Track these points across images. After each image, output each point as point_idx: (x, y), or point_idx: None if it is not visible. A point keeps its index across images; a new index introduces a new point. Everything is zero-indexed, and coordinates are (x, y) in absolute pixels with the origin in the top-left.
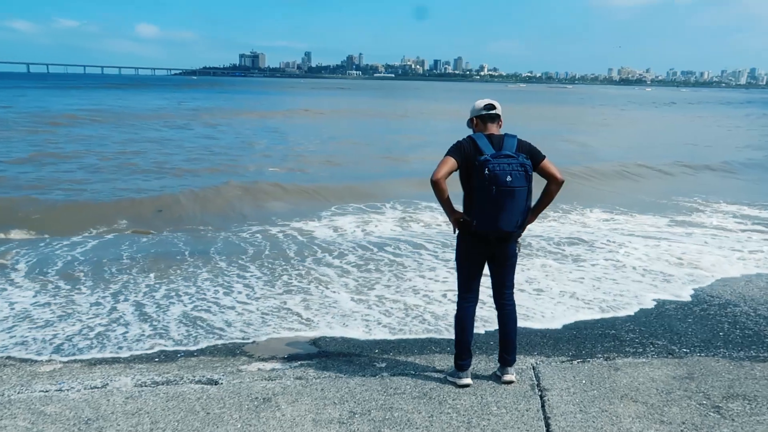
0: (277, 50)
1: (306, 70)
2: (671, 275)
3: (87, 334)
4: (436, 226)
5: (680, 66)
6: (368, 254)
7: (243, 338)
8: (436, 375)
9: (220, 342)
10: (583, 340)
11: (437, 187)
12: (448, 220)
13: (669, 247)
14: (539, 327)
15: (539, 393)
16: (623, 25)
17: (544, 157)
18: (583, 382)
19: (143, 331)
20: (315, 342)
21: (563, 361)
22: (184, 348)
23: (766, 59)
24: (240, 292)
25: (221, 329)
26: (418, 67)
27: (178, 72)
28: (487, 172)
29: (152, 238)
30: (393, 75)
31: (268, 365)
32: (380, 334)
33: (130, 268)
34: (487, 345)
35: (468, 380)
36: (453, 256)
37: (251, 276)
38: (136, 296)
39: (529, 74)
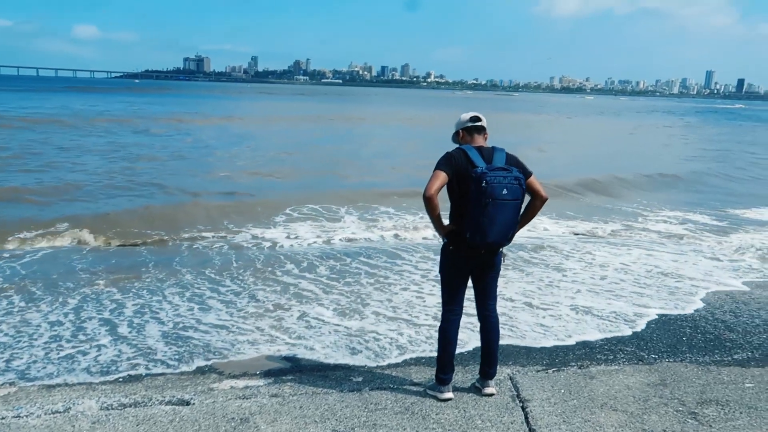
0: (223, 54)
1: (253, 74)
2: (632, 281)
3: (43, 354)
4: (398, 233)
5: (617, 75)
6: (332, 263)
7: (211, 354)
8: (415, 389)
9: (186, 359)
10: (555, 349)
11: (431, 203)
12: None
13: (628, 255)
14: (510, 336)
15: (521, 404)
16: (564, 35)
17: (531, 173)
18: (562, 391)
19: (104, 350)
20: (286, 357)
21: (539, 371)
22: (148, 366)
23: (697, 70)
24: (203, 306)
25: (187, 345)
26: (365, 73)
27: (118, 75)
28: (484, 184)
29: (106, 251)
30: (341, 81)
31: (241, 383)
32: (354, 347)
33: (87, 282)
34: (461, 356)
35: (450, 394)
36: (421, 263)
37: (213, 288)
38: (94, 312)
39: (474, 81)
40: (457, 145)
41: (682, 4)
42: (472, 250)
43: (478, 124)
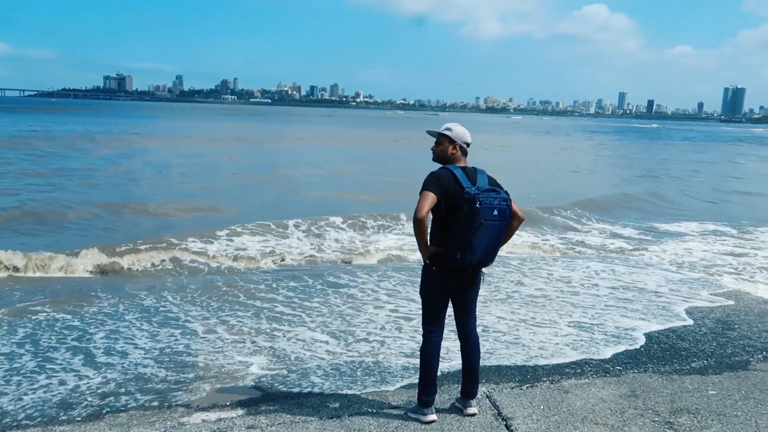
0: (146, 73)
1: (178, 93)
2: (584, 293)
3: None
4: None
5: (538, 96)
6: (292, 283)
7: (175, 386)
8: (395, 412)
9: (150, 392)
10: (525, 365)
11: (422, 225)
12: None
13: (580, 270)
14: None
15: (504, 423)
16: (488, 57)
17: (507, 195)
18: (542, 407)
19: (55, 388)
20: (256, 386)
21: (513, 387)
22: (109, 402)
23: (611, 92)
24: (160, 333)
25: (149, 377)
26: (294, 92)
27: (32, 93)
28: (478, 205)
29: (44, 279)
30: (269, 100)
31: (213, 415)
32: (326, 371)
33: (27, 313)
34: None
35: (434, 416)
36: (383, 282)
37: (169, 313)
38: (39, 346)
39: (403, 101)
40: (440, 165)
41: (596, 30)
42: (458, 271)
43: (469, 145)
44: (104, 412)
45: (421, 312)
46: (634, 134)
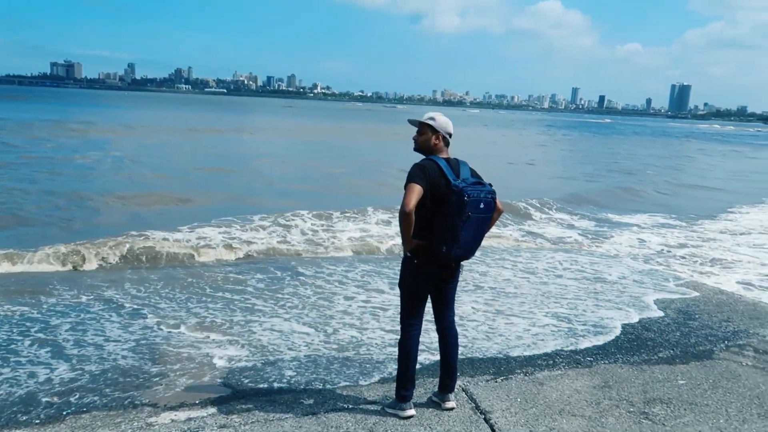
0: (96, 60)
1: (129, 82)
2: (551, 283)
3: None
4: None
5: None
6: (259, 275)
7: (141, 383)
8: (371, 407)
9: (114, 390)
10: (497, 357)
11: (409, 218)
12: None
13: (543, 261)
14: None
15: (483, 417)
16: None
17: (492, 188)
18: (519, 400)
19: (11, 385)
20: (227, 381)
21: (488, 380)
22: (70, 402)
23: (564, 87)
24: (123, 325)
25: (113, 373)
26: (251, 83)
27: None
28: (466, 198)
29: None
30: (225, 90)
31: (182, 414)
32: (296, 366)
33: None
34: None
35: (412, 411)
36: (350, 272)
37: (132, 303)
38: None
39: (360, 93)
40: (422, 155)
41: (551, 26)
42: (441, 264)
43: (451, 135)
44: (65, 413)
45: (399, 305)
46: (589, 129)
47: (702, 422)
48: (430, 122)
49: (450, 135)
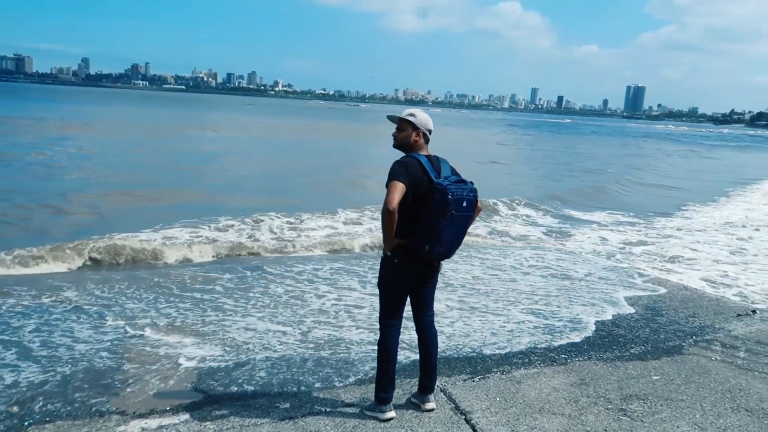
0: (48, 54)
1: (83, 77)
2: (521, 280)
3: None
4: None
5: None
6: (228, 275)
7: (108, 389)
8: (349, 410)
9: (78, 399)
10: (472, 356)
11: (392, 217)
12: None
13: (505, 254)
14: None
15: (464, 417)
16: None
17: (473, 186)
18: (498, 399)
19: None
20: (197, 388)
21: (466, 380)
22: (31, 413)
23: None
24: (88, 328)
25: (78, 379)
26: (210, 80)
27: None
28: (450, 196)
29: None
30: (184, 87)
31: (152, 422)
32: (271, 367)
33: None
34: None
35: (393, 413)
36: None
37: (96, 304)
38: None
39: (322, 91)
40: (402, 152)
41: (511, 27)
42: (423, 263)
43: (431, 132)
44: (26, 423)
45: (372, 303)
46: (550, 128)
47: (679, 417)
48: (410, 119)
49: (430, 132)
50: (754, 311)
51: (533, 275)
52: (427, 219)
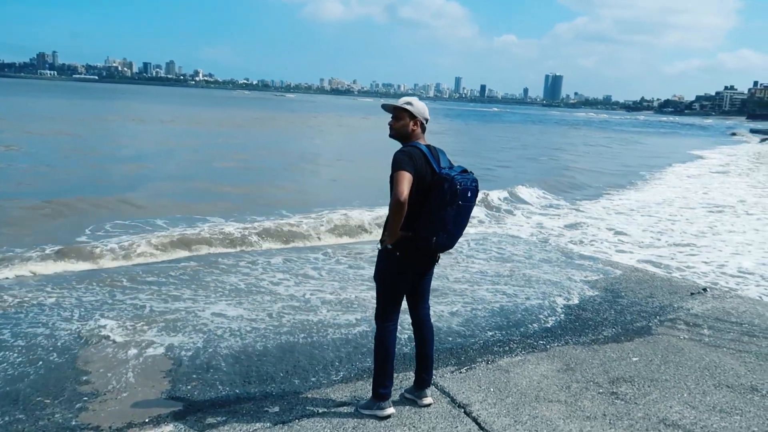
0: None
1: None
2: (486, 270)
3: None
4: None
5: (381, 79)
6: (181, 273)
7: (77, 402)
8: (344, 410)
9: (45, 414)
10: (452, 347)
11: (403, 208)
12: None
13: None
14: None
15: (463, 410)
16: (331, 39)
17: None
18: (491, 390)
19: None
20: (175, 396)
21: (453, 371)
22: None
23: (448, 76)
24: (40, 332)
25: (40, 393)
26: (125, 69)
27: None
28: (459, 187)
29: None
30: (96, 77)
31: None
32: (247, 372)
33: None
34: (370, 369)
35: (392, 410)
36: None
37: (43, 304)
38: None
39: (245, 81)
40: (399, 142)
41: (433, 16)
42: (425, 255)
43: (428, 121)
44: None
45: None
46: (479, 118)
47: (669, 398)
48: (408, 107)
49: (426, 120)
50: (704, 289)
51: (483, 260)
52: (433, 210)
